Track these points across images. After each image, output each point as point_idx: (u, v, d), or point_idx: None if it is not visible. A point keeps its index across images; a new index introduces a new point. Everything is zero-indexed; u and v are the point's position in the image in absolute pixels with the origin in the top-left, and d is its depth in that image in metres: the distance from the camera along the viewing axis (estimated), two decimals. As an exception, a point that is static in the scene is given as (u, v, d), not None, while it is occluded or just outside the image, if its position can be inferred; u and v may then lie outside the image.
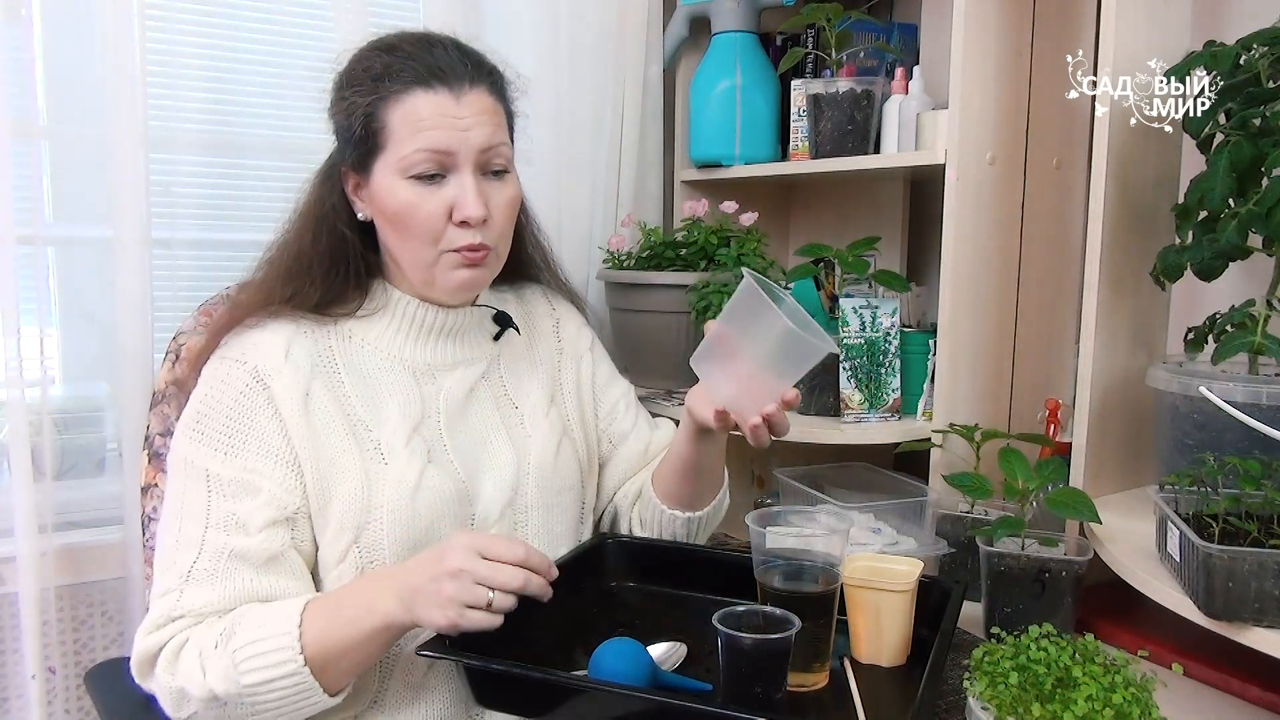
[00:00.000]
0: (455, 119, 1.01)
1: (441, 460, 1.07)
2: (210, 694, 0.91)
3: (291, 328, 1.05)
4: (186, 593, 0.96)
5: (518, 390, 1.18)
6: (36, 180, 1.43)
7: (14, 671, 1.44)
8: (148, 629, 0.96)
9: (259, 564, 0.97)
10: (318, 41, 1.62)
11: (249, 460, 0.99)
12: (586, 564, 1.14)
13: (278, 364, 1.02)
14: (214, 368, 1.04)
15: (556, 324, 1.27)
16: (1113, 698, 0.78)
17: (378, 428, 1.05)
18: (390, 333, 1.10)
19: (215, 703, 0.91)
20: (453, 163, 1.02)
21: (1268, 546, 0.90)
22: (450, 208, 1.03)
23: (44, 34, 1.43)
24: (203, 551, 0.97)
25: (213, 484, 0.99)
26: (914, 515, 1.34)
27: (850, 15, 1.63)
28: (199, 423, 1.01)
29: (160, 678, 0.94)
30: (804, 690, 0.94)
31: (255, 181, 1.61)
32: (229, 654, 0.91)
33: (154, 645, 0.95)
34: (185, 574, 0.96)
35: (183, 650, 0.94)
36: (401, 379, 1.09)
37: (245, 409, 1.01)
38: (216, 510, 0.98)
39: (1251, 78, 1.09)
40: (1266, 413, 1.02)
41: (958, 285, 1.40)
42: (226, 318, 1.07)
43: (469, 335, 1.16)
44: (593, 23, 1.77)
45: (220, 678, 0.90)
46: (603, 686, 0.87)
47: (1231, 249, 1.08)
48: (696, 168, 1.89)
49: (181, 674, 0.93)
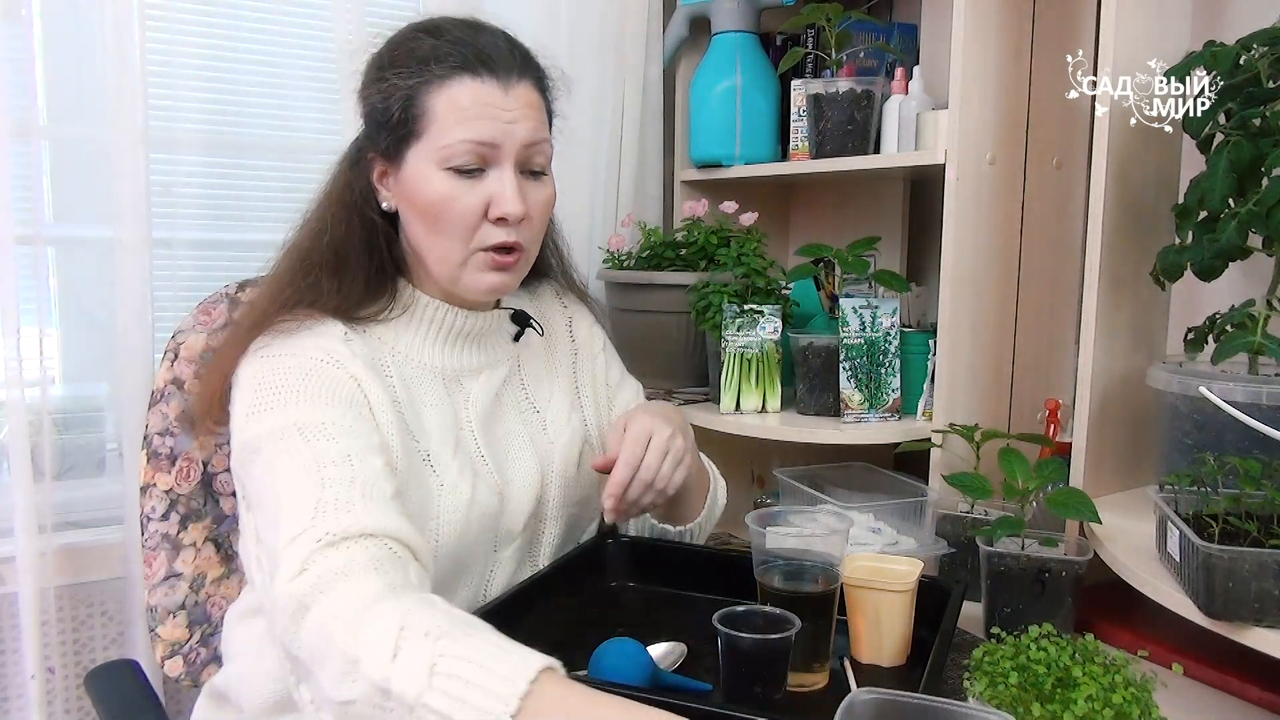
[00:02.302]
0: (502, 110, 0.97)
1: (483, 473, 1.04)
2: (386, 683, 0.68)
3: (340, 328, 0.97)
4: (319, 522, 0.79)
5: (538, 393, 1.15)
6: (36, 180, 1.43)
7: (14, 672, 1.44)
8: (290, 575, 0.76)
9: (389, 495, 0.84)
10: (318, 41, 1.62)
11: (337, 415, 0.89)
12: (586, 564, 1.14)
13: (344, 353, 0.95)
14: (261, 365, 0.93)
15: (570, 322, 1.24)
16: (1113, 698, 0.78)
17: (424, 438, 1.00)
18: (419, 339, 1.05)
19: (382, 696, 0.69)
20: (495, 156, 0.97)
21: (1268, 546, 0.90)
22: (487, 203, 0.98)
23: (44, 33, 1.43)
24: (325, 489, 0.82)
25: (308, 433, 0.86)
26: (914, 515, 1.34)
27: (850, 15, 1.63)
28: (258, 401, 0.90)
29: (332, 636, 0.72)
30: (804, 690, 0.94)
31: (255, 181, 1.61)
32: (434, 653, 0.69)
33: (306, 586, 0.74)
34: (312, 511, 0.80)
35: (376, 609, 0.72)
36: (434, 387, 1.04)
37: (324, 377, 0.91)
38: (324, 451, 0.85)
39: (1251, 78, 1.09)
40: (1266, 413, 1.01)
41: (958, 285, 1.40)
42: (256, 317, 0.98)
43: (491, 338, 1.11)
44: (593, 23, 1.77)
45: (408, 673, 0.68)
46: (603, 686, 0.87)
47: (1231, 249, 1.08)
48: (696, 168, 1.89)
49: (365, 641, 0.70)
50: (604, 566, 1.17)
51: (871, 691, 0.75)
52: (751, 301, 1.54)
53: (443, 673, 0.68)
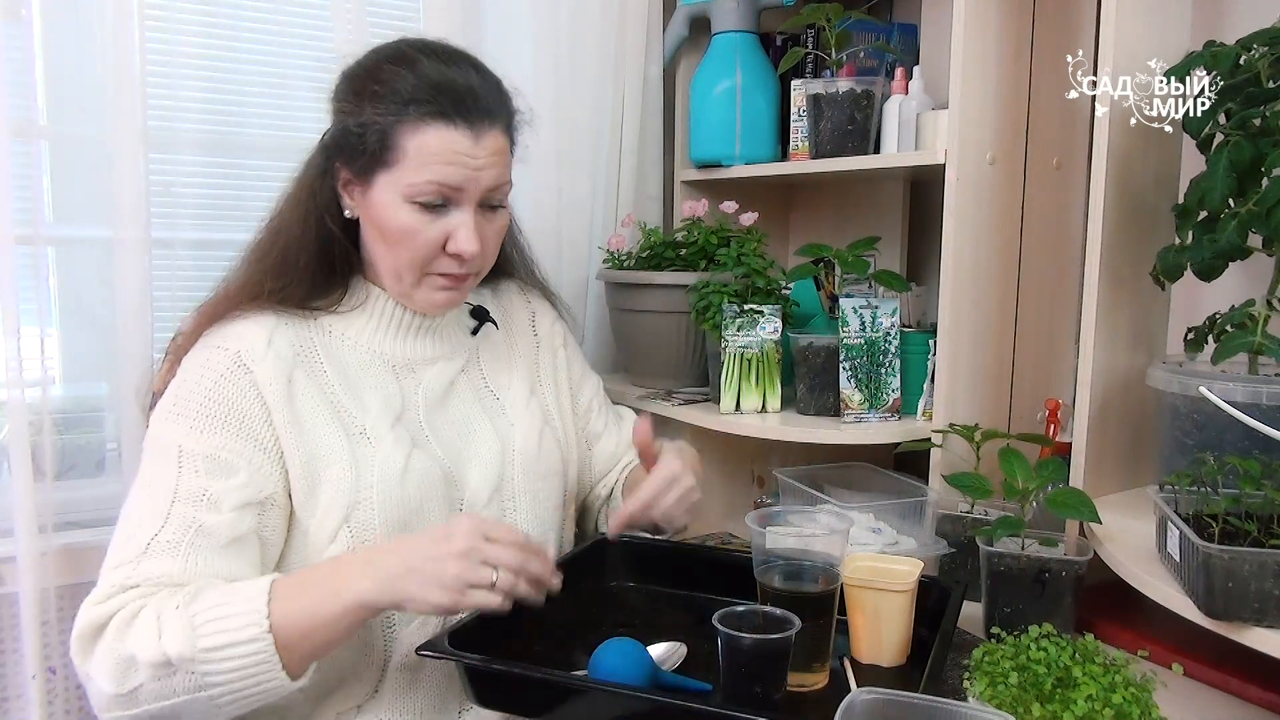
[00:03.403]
0: (470, 158, 1.02)
1: (425, 446, 1.09)
2: (162, 657, 0.86)
3: (273, 319, 1.06)
4: (144, 563, 0.93)
5: (497, 382, 1.20)
6: (36, 180, 1.43)
7: (14, 672, 1.44)
8: (97, 599, 0.92)
9: (223, 543, 0.95)
10: (318, 41, 1.62)
11: (227, 440, 0.99)
12: (586, 564, 1.14)
13: (260, 350, 1.03)
14: (196, 355, 1.04)
15: (533, 316, 1.30)
16: (1113, 698, 0.78)
17: (361, 414, 1.06)
18: (370, 329, 1.11)
19: (165, 669, 0.86)
20: (459, 198, 1.03)
21: (1268, 546, 0.90)
22: (446, 237, 1.04)
23: (44, 34, 1.43)
24: (167, 524, 0.94)
25: (184, 460, 0.97)
26: (914, 515, 1.34)
27: (850, 15, 1.63)
28: (175, 405, 1.01)
29: (107, 646, 0.89)
30: (804, 690, 0.94)
31: (255, 181, 1.61)
32: (189, 615, 0.87)
33: (104, 614, 0.90)
34: (145, 545, 0.93)
35: (138, 615, 0.89)
36: (381, 374, 1.10)
37: (226, 391, 1.00)
38: (186, 486, 0.96)
39: (1251, 78, 1.09)
40: (1266, 413, 1.01)
41: (958, 285, 1.40)
42: (210, 310, 1.07)
43: (447, 330, 1.17)
44: (593, 23, 1.77)
45: (176, 639, 0.86)
46: (603, 686, 0.87)
47: (1231, 249, 1.08)
48: (696, 168, 1.89)
49: (133, 639, 0.87)
50: (604, 566, 1.17)
51: (871, 691, 0.75)
52: (751, 301, 1.54)
53: (201, 622, 0.86)
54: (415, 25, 1.70)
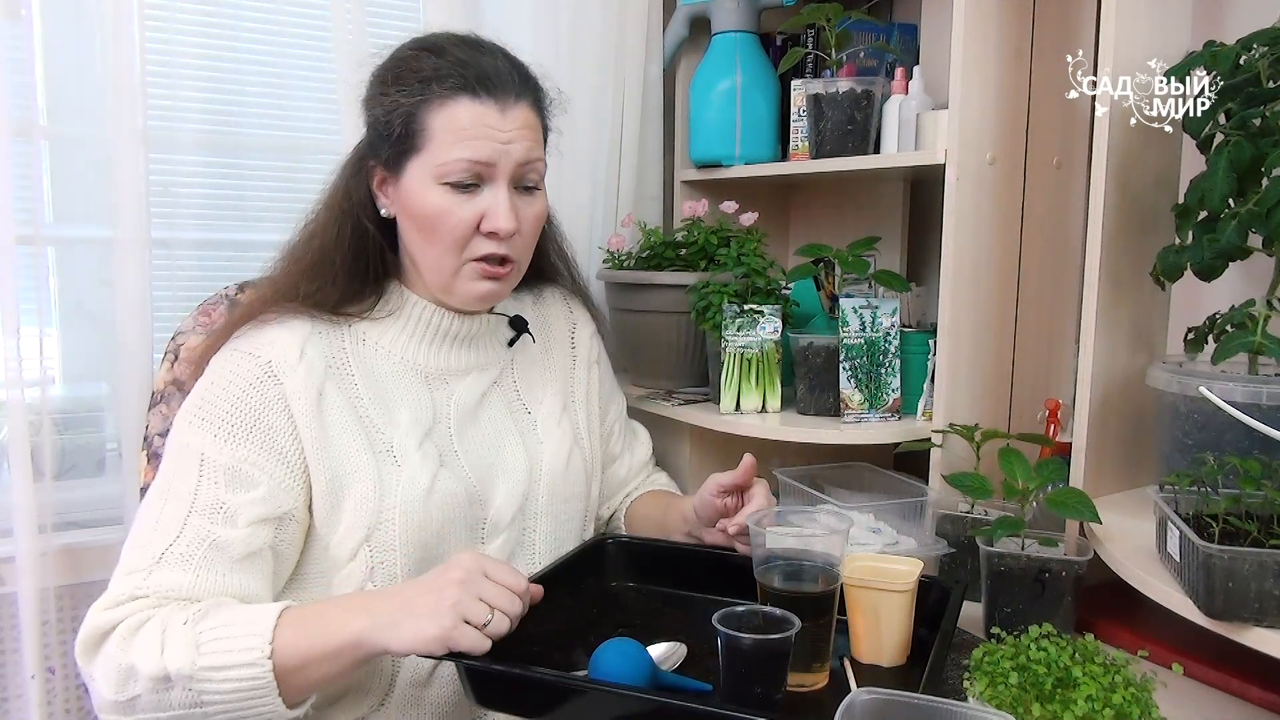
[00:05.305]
0: (498, 131, 1.01)
1: (453, 464, 1.07)
2: (162, 671, 0.86)
3: (308, 326, 1.04)
4: (155, 573, 0.93)
5: (530, 395, 1.18)
6: (36, 180, 1.43)
7: (13, 672, 1.44)
8: (106, 604, 0.92)
9: (236, 558, 0.95)
10: (318, 41, 1.62)
11: (250, 452, 0.98)
12: (586, 564, 1.14)
13: (292, 361, 1.01)
14: (225, 358, 1.02)
15: (573, 328, 1.28)
16: (1113, 698, 0.78)
17: (390, 430, 1.05)
18: (404, 337, 1.10)
19: (164, 683, 0.87)
20: (490, 174, 1.02)
21: (1268, 546, 0.90)
22: (481, 217, 1.03)
23: (44, 33, 1.43)
24: (182, 535, 0.94)
25: (205, 469, 0.97)
26: (914, 515, 1.34)
27: (850, 15, 1.63)
28: (201, 408, 1.00)
29: (110, 653, 0.89)
30: (804, 690, 0.94)
31: (255, 181, 1.61)
32: (195, 633, 0.87)
33: (110, 621, 0.91)
34: (158, 555, 0.93)
35: (144, 626, 0.89)
36: (413, 384, 1.09)
37: (254, 402, 0.99)
38: (205, 497, 0.96)
39: (1251, 78, 1.09)
40: (1266, 413, 1.01)
41: (958, 285, 1.40)
42: (244, 311, 1.05)
43: (483, 341, 1.15)
44: (593, 23, 1.77)
45: (178, 654, 0.86)
46: (603, 686, 0.87)
47: (1231, 249, 1.08)
48: (696, 168, 1.89)
49: (136, 649, 0.88)
50: (604, 566, 1.17)
51: (871, 691, 0.75)
52: (751, 301, 1.54)
53: (205, 640, 0.86)
54: (415, 25, 1.70)
